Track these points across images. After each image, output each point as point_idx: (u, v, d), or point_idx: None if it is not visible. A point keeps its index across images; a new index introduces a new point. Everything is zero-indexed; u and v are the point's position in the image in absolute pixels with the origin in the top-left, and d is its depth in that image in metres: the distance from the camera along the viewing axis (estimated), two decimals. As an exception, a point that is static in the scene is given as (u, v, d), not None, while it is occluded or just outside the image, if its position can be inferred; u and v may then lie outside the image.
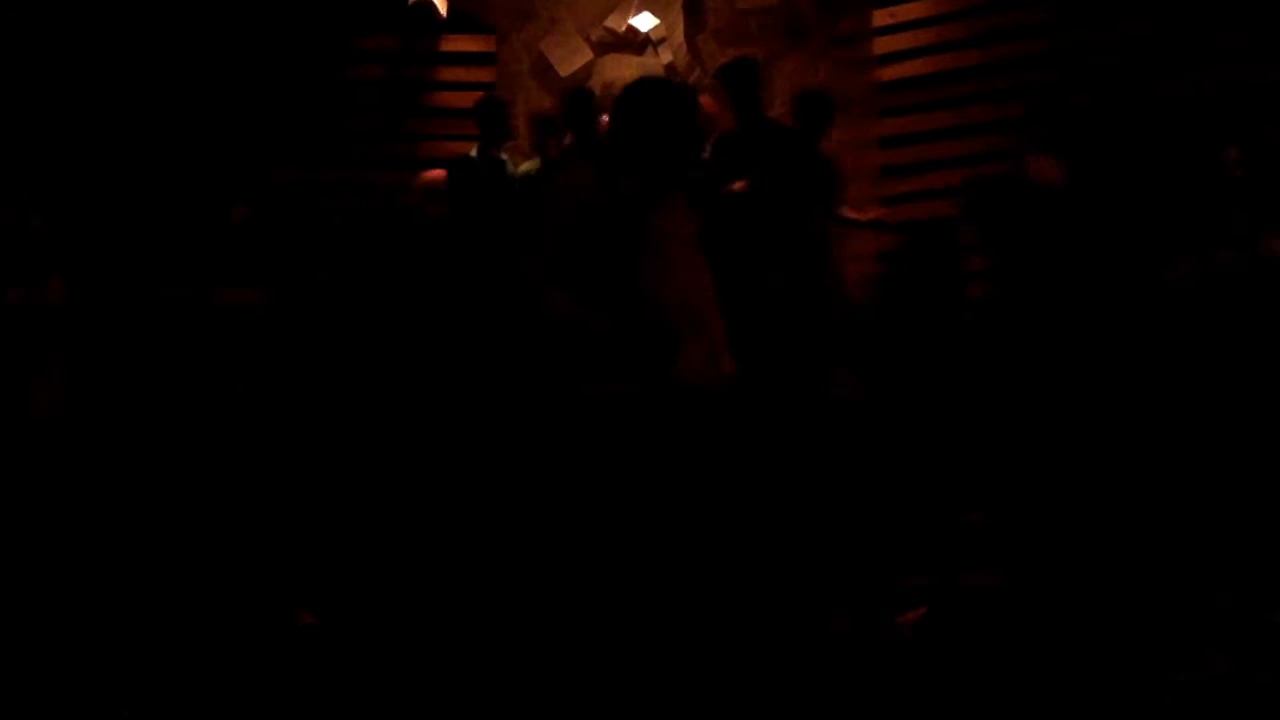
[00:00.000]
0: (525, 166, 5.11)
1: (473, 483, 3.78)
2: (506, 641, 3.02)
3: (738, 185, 4.36)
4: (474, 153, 5.10)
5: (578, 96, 4.95)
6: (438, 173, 4.73)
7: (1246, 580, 3.32)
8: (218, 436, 3.91)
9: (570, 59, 6.01)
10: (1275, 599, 3.19)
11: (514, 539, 3.25)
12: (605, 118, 4.84)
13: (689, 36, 6.04)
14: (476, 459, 3.82)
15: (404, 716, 2.85)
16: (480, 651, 3.08)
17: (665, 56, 6.03)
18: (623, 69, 6.06)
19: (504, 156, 5.13)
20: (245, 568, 3.58)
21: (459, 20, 5.93)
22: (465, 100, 5.96)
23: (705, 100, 4.76)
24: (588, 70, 6.02)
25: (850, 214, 5.02)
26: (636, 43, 6.04)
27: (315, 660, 3.18)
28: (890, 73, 5.75)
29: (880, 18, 5.77)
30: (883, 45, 5.77)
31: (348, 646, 3.23)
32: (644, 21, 5.95)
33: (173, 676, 3.01)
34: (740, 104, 4.66)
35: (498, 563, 3.37)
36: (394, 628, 3.32)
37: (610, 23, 6.04)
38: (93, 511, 3.76)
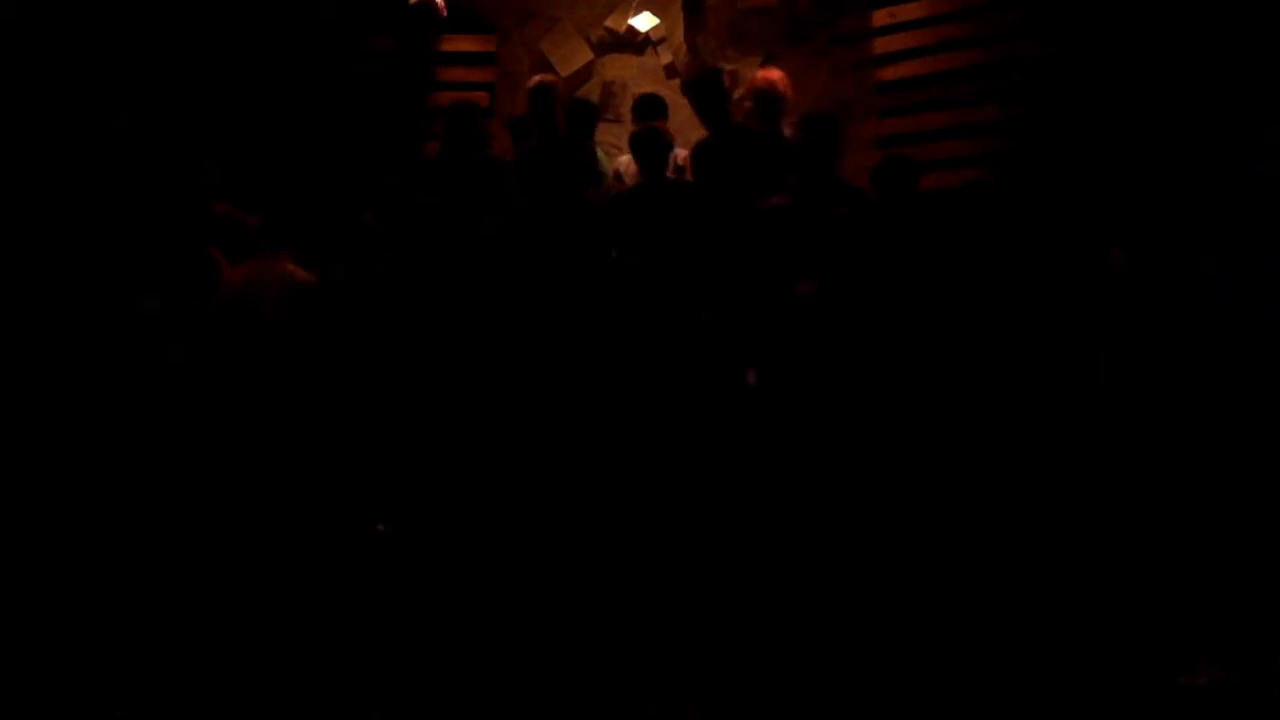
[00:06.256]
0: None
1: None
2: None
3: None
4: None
5: (540, 94, 4.97)
6: None
7: (1237, 590, 3.33)
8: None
9: (570, 59, 6.01)
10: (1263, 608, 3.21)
11: None
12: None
13: (689, 36, 6.04)
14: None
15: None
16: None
17: (665, 56, 6.03)
18: (623, 69, 6.06)
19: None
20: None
21: (459, 20, 5.93)
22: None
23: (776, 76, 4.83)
24: (588, 70, 6.03)
25: None
26: (636, 43, 6.04)
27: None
28: (890, 73, 5.73)
29: (880, 18, 5.75)
30: (883, 45, 5.75)
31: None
32: (644, 21, 5.95)
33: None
34: (709, 115, 4.80)
35: None
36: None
37: (610, 23, 6.04)
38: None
